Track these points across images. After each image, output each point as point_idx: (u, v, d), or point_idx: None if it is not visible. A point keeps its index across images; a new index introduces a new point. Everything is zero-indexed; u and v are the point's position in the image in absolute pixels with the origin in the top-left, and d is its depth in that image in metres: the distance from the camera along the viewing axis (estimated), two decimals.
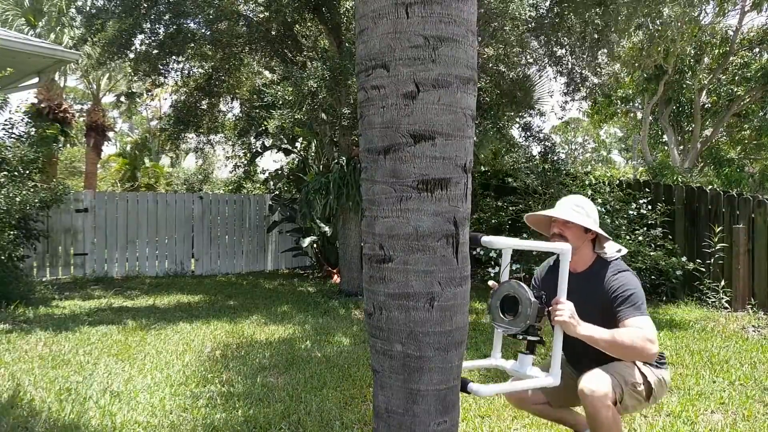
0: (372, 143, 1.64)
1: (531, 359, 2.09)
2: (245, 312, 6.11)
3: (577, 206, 2.35)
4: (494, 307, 2.12)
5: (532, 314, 2.00)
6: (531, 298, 2.00)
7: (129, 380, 3.65)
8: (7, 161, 6.25)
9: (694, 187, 7.19)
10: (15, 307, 5.73)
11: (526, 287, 2.03)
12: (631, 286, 2.22)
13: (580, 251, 2.34)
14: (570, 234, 2.32)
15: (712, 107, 14.80)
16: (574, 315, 2.07)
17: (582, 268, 2.38)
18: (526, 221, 2.54)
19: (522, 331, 2.04)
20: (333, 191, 6.98)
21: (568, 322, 2.05)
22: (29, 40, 8.29)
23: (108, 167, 22.11)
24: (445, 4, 1.56)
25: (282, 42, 7.73)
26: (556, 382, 2.03)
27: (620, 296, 2.21)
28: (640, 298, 2.20)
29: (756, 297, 6.21)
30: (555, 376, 2.04)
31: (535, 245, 2.20)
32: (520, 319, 2.03)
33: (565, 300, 2.07)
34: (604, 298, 2.25)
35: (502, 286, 2.12)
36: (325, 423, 3.00)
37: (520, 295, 2.03)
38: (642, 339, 2.09)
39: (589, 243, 2.37)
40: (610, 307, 2.22)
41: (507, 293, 2.09)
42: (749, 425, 3.06)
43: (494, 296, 2.13)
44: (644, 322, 2.15)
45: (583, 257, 2.37)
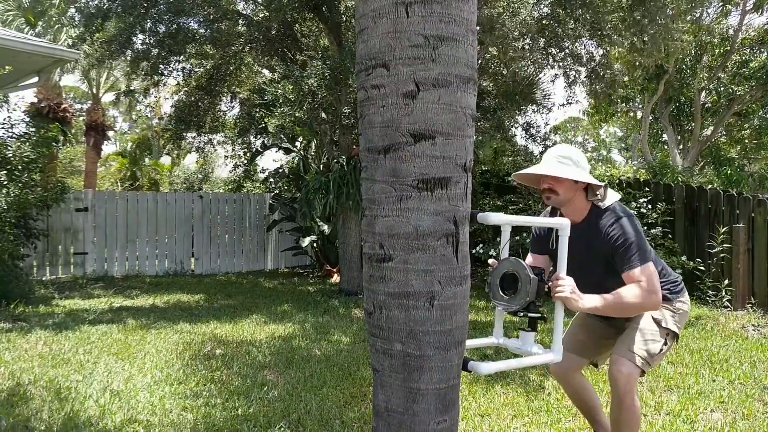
0: (372, 142, 1.64)
1: (533, 336, 2.07)
2: (245, 311, 6.11)
3: (563, 157, 2.30)
4: (494, 284, 2.11)
5: (532, 291, 1.98)
6: (530, 274, 1.98)
7: (129, 379, 3.66)
8: (8, 160, 6.26)
9: (694, 187, 7.19)
10: (15, 306, 5.73)
11: (525, 264, 2.01)
12: (629, 235, 2.19)
13: (574, 202, 2.31)
14: (561, 188, 2.28)
15: (712, 106, 14.80)
16: (575, 290, 2.07)
17: (579, 218, 2.33)
18: (515, 179, 2.50)
19: (522, 308, 2.01)
20: (333, 190, 6.98)
21: (569, 297, 2.04)
22: (29, 39, 8.28)
23: (108, 166, 22.11)
24: (445, 4, 1.56)
25: (282, 41, 7.73)
26: (557, 357, 2.03)
27: (619, 248, 2.19)
28: (639, 246, 2.18)
29: (756, 296, 6.21)
30: (557, 352, 2.03)
31: (531, 221, 2.17)
32: (520, 296, 2.00)
33: (565, 275, 2.06)
34: (604, 248, 2.24)
35: (501, 263, 2.10)
36: (325, 422, 3.00)
37: (520, 272, 2.01)
38: (644, 294, 2.11)
39: (582, 192, 2.32)
40: (611, 257, 2.22)
41: (506, 270, 2.06)
42: (749, 424, 3.06)
43: (493, 274, 2.12)
44: (645, 272, 2.14)
45: (578, 208, 2.33)
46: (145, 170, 19.51)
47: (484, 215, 1.81)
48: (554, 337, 2.04)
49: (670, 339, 2.34)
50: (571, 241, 2.08)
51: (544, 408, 3.24)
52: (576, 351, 2.49)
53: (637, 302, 2.13)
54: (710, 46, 13.53)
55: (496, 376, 3.83)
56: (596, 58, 8.07)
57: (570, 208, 2.32)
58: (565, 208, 2.33)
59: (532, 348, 2.05)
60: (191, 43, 7.75)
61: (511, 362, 2.03)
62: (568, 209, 2.32)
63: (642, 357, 2.24)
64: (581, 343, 2.50)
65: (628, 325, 2.38)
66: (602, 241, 2.25)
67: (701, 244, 6.73)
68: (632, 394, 2.25)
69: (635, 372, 2.23)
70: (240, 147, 10.74)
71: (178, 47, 7.57)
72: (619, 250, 2.19)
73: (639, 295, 2.12)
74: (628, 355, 2.24)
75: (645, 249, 2.19)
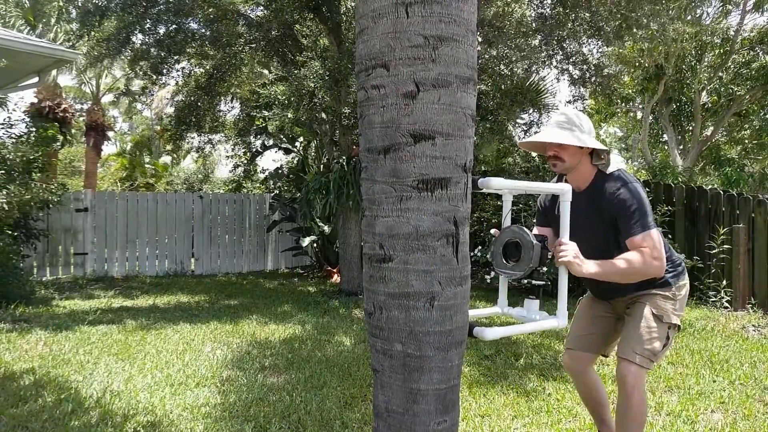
0: (372, 143, 1.64)
1: (537, 304, 2.07)
2: (245, 311, 6.11)
3: (567, 123, 2.28)
4: (497, 253, 2.09)
5: (535, 257, 1.97)
6: (533, 241, 1.97)
7: (129, 380, 3.65)
8: (8, 160, 6.26)
9: (694, 187, 7.19)
10: (15, 307, 5.73)
11: (528, 231, 2.00)
12: (634, 201, 2.18)
13: (579, 168, 2.30)
14: (566, 154, 2.27)
15: (713, 107, 14.80)
16: (578, 255, 2.06)
17: (584, 185, 2.32)
18: (519, 146, 2.51)
19: (526, 275, 2.01)
20: (333, 191, 6.98)
21: (572, 262, 2.04)
22: (29, 39, 8.29)
23: (108, 166, 22.11)
24: (445, 4, 1.56)
25: (282, 42, 7.72)
26: (562, 323, 2.02)
27: (623, 214, 2.18)
28: (643, 213, 2.16)
29: (756, 296, 6.21)
30: (561, 318, 2.02)
31: (533, 186, 2.15)
32: (523, 263, 2.00)
33: (568, 240, 2.05)
34: (609, 215, 2.23)
35: (504, 232, 2.09)
36: (325, 422, 3.00)
37: (523, 239, 2.00)
38: (647, 260, 2.10)
39: (587, 157, 2.31)
40: (615, 223, 2.21)
41: (509, 239, 2.06)
42: (749, 424, 3.06)
43: (496, 243, 2.11)
44: (649, 238, 2.13)
45: (584, 173, 2.31)
46: (142, 170, 19.51)
47: (485, 180, 1.80)
48: (559, 303, 2.03)
49: (673, 332, 2.32)
50: (576, 209, 2.08)
51: (544, 409, 3.24)
52: (584, 347, 2.50)
53: (641, 268, 2.11)
54: (710, 46, 13.52)
55: (496, 376, 3.83)
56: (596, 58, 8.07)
57: (576, 173, 2.31)
58: (570, 175, 2.33)
59: (537, 316, 2.04)
60: (191, 44, 7.74)
61: (516, 328, 2.02)
62: (573, 175, 2.31)
63: (646, 357, 2.24)
64: (587, 338, 2.50)
65: (628, 313, 2.36)
66: (607, 206, 2.23)
67: (701, 245, 6.73)
68: (640, 391, 2.25)
69: (642, 371, 2.24)
70: (240, 147, 10.74)
71: (177, 47, 7.56)
72: (624, 216, 2.17)
73: (642, 261, 2.10)
74: (633, 357, 2.24)
75: (650, 215, 2.17)
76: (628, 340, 2.29)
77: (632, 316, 2.34)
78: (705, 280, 6.50)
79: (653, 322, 2.27)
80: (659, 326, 2.27)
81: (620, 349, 2.32)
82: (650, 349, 2.25)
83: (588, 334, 2.51)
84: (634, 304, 2.34)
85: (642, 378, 2.27)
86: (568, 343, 2.57)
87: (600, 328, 2.49)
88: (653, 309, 2.28)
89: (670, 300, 2.32)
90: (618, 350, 2.34)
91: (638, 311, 2.31)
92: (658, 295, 2.31)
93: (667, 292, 2.31)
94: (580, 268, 2.06)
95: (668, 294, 2.31)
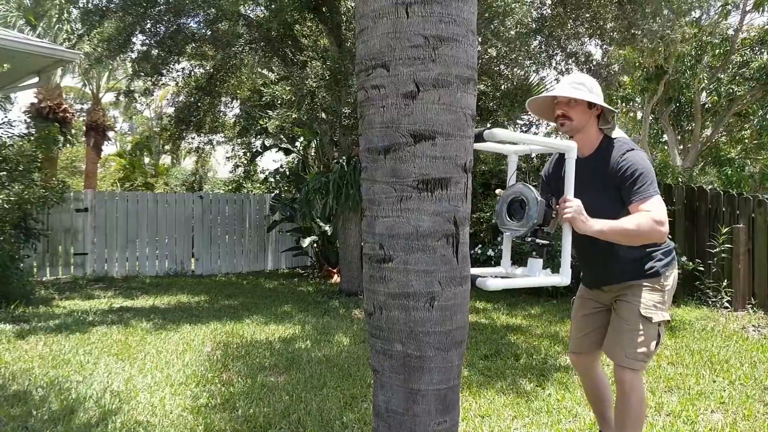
0: (372, 143, 1.64)
1: (540, 263, 2.05)
2: (245, 312, 6.11)
3: (577, 83, 2.29)
4: (501, 211, 2.08)
5: (539, 213, 1.95)
6: (537, 197, 1.96)
7: (129, 380, 3.65)
8: (8, 160, 6.26)
9: (695, 187, 7.19)
10: (15, 307, 5.74)
11: (532, 188, 1.99)
12: (639, 166, 2.17)
13: (586, 130, 2.29)
14: (574, 113, 2.27)
15: (713, 107, 14.80)
16: (583, 212, 2.05)
17: (589, 150, 2.31)
18: (527, 108, 2.50)
19: (530, 232, 1.99)
20: (333, 191, 6.98)
21: (576, 218, 2.03)
22: (29, 39, 8.28)
23: (108, 167, 22.12)
24: (445, 4, 1.56)
25: (282, 42, 7.72)
26: (565, 281, 2.01)
27: (628, 178, 2.16)
28: (648, 178, 2.15)
29: (756, 297, 6.21)
30: (565, 276, 2.01)
31: (537, 140, 2.13)
32: (527, 219, 1.98)
33: (572, 197, 2.04)
34: (613, 179, 2.21)
35: (508, 189, 2.07)
36: (325, 423, 3.00)
37: (527, 195, 1.99)
38: (651, 224, 2.08)
39: (595, 120, 2.30)
40: (620, 189, 2.20)
41: (513, 196, 2.05)
42: (749, 425, 3.06)
43: (501, 201, 2.09)
44: (653, 204, 2.12)
45: (590, 137, 2.30)
46: (142, 170, 19.51)
47: (490, 132, 1.80)
48: (562, 261, 2.02)
49: (663, 328, 2.29)
50: (580, 174, 2.08)
51: (544, 409, 3.24)
52: (584, 348, 2.50)
53: (644, 230, 2.09)
54: (710, 46, 13.52)
55: (496, 377, 3.83)
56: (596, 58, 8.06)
57: (582, 136, 2.30)
58: (577, 137, 2.32)
59: (540, 274, 2.03)
60: (191, 44, 7.75)
61: (518, 281, 2.02)
62: (580, 138, 2.30)
63: (640, 359, 2.24)
64: (584, 339, 2.50)
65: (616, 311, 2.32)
66: (613, 171, 2.21)
67: (701, 245, 6.73)
68: (638, 391, 2.25)
69: (637, 372, 2.25)
70: (240, 147, 10.74)
71: (177, 48, 7.57)
72: (629, 181, 2.16)
73: (646, 224, 2.08)
74: (627, 362, 2.24)
75: (655, 182, 2.17)
76: (619, 345, 2.27)
77: (620, 317, 2.30)
78: (705, 280, 6.50)
79: (642, 324, 2.25)
80: (649, 327, 2.25)
81: (612, 353, 2.30)
82: (643, 351, 2.24)
83: (584, 335, 2.51)
84: (621, 301, 2.31)
85: (639, 378, 2.27)
86: (570, 347, 2.59)
87: (593, 325, 2.48)
88: (641, 310, 2.25)
89: (658, 292, 2.28)
90: (609, 355, 2.32)
91: (626, 313, 2.28)
92: (646, 288, 2.26)
93: (655, 284, 2.27)
94: (585, 225, 2.05)
95: (656, 286, 2.28)
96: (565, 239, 2.03)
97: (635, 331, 2.24)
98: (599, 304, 2.47)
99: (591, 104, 2.27)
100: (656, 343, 2.27)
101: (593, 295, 2.49)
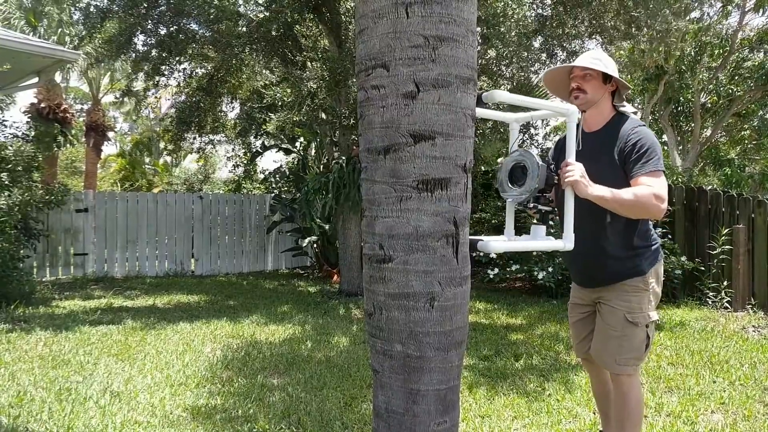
0: (372, 143, 1.64)
1: (544, 230, 2.05)
2: (245, 312, 6.11)
3: (594, 58, 2.29)
4: (503, 179, 2.07)
5: (541, 177, 1.95)
6: (538, 161, 1.96)
7: (129, 380, 3.65)
8: (7, 160, 6.26)
9: (694, 187, 7.19)
10: (15, 307, 5.73)
11: (534, 153, 1.99)
12: (647, 141, 2.16)
13: (599, 105, 2.28)
14: (589, 87, 2.27)
15: (712, 107, 14.80)
16: (585, 175, 2.04)
17: (600, 125, 2.30)
18: (543, 83, 2.48)
19: (532, 197, 1.98)
20: (333, 191, 6.98)
21: (579, 181, 2.02)
22: (29, 39, 8.28)
23: (108, 167, 22.12)
24: (445, 4, 1.56)
25: (282, 42, 7.73)
26: (568, 245, 2.01)
27: (635, 152, 2.15)
28: (654, 153, 2.14)
29: (756, 297, 6.21)
30: (568, 240, 2.01)
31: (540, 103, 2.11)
32: (529, 183, 1.98)
33: (574, 161, 2.04)
34: (621, 152, 2.20)
35: (509, 156, 2.06)
36: (325, 423, 3.00)
37: (528, 160, 1.98)
38: (650, 197, 2.07)
39: (609, 96, 2.30)
40: (625, 162, 2.19)
41: (515, 162, 2.04)
42: (749, 425, 3.05)
43: (502, 168, 2.09)
44: (655, 179, 2.11)
45: (603, 112, 2.29)
46: (142, 171, 19.51)
47: (490, 93, 1.79)
48: (565, 226, 2.02)
49: (652, 328, 2.27)
50: (588, 147, 2.08)
51: (544, 409, 3.24)
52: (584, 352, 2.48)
53: (644, 204, 2.07)
54: (710, 46, 13.53)
55: (496, 377, 3.83)
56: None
57: (595, 111, 2.29)
58: (589, 111, 2.31)
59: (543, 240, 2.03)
60: (192, 44, 7.75)
61: (521, 243, 2.03)
62: (592, 112, 2.30)
63: (632, 364, 2.23)
64: (583, 343, 2.49)
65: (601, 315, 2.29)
66: (621, 143, 2.20)
67: (701, 245, 6.73)
68: (636, 392, 2.25)
69: (632, 375, 2.24)
70: (240, 147, 10.73)
71: (178, 48, 7.57)
72: (636, 153, 2.15)
73: (646, 196, 2.07)
74: (618, 368, 2.23)
75: (661, 159, 2.15)
76: (607, 352, 2.25)
77: (606, 323, 2.27)
78: (705, 280, 6.50)
79: (629, 330, 2.22)
80: (636, 331, 2.22)
81: (602, 361, 2.28)
82: (633, 355, 2.22)
83: (579, 341, 2.50)
84: (605, 305, 2.27)
85: (635, 380, 2.26)
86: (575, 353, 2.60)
87: (585, 329, 2.46)
88: (627, 315, 2.22)
89: (643, 293, 2.24)
90: (599, 362, 2.31)
91: (611, 318, 2.25)
92: (631, 289, 2.23)
93: (640, 282, 2.24)
94: (586, 189, 2.04)
95: (641, 285, 2.24)
96: (567, 205, 2.03)
97: (623, 337, 2.22)
98: (586, 307, 2.45)
99: (606, 80, 2.28)
100: (646, 345, 2.25)
101: (581, 297, 2.47)
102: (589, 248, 2.25)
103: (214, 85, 8.62)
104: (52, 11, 14.01)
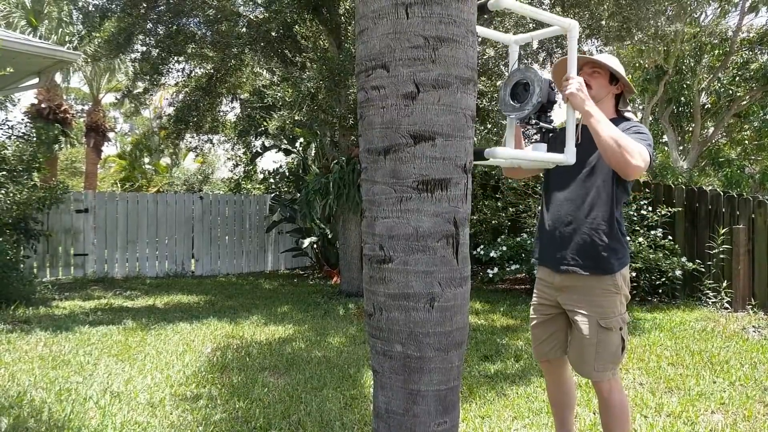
0: (372, 144, 1.64)
1: (545, 147, 2.05)
2: (245, 312, 6.11)
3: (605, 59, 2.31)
4: (504, 96, 2.07)
5: (543, 91, 1.95)
6: (541, 76, 1.97)
7: (129, 380, 3.65)
8: (7, 160, 6.26)
9: (695, 188, 7.19)
10: (15, 308, 5.73)
11: (535, 69, 2.00)
12: (643, 133, 2.18)
13: (602, 104, 2.26)
14: (595, 83, 2.28)
15: (712, 108, 14.81)
16: (583, 89, 2.07)
17: None
18: (551, 73, 2.48)
19: (534, 112, 1.98)
20: (333, 191, 6.98)
21: (575, 93, 2.04)
22: (29, 40, 8.28)
23: (108, 167, 22.12)
24: (445, 5, 1.56)
25: (282, 42, 7.73)
26: (570, 159, 2.03)
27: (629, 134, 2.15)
28: (645, 141, 2.14)
29: (756, 297, 6.21)
30: (570, 154, 2.02)
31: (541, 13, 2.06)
32: (531, 98, 1.98)
33: (575, 75, 2.06)
34: None
35: (511, 75, 2.06)
36: (325, 423, 3.00)
37: (531, 76, 1.98)
38: (635, 148, 2.05)
39: (612, 98, 2.32)
40: None
41: (517, 80, 2.05)
42: (749, 425, 3.05)
43: (504, 87, 2.09)
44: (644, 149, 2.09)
45: (605, 112, 2.25)
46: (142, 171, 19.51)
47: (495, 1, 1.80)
48: (567, 141, 2.04)
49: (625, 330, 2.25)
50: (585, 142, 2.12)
51: (544, 410, 3.23)
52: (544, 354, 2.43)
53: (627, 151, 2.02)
54: (710, 46, 13.53)
55: (496, 377, 3.83)
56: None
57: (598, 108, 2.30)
58: None
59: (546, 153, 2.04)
60: (191, 45, 7.75)
61: (526, 153, 2.05)
62: None
63: (610, 368, 2.21)
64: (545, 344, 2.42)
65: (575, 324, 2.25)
66: None
67: (701, 246, 6.73)
68: (619, 394, 2.24)
69: (612, 378, 2.23)
70: (240, 147, 10.73)
71: (177, 48, 7.57)
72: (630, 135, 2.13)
73: (632, 144, 2.04)
74: (597, 375, 2.22)
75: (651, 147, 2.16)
76: (584, 361, 2.23)
77: (580, 331, 2.23)
78: (705, 281, 6.50)
79: (603, 335, 2.20)
80: (610, 336, 2.20)
81: (580, 370, 2.26)
82: (611, 360, 2.21)
83: (541, 342, 2.43)
84: (577, 313, 2.24)
85: (616, 382, 2.24)
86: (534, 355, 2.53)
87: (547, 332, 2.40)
88: (600, 321, 2.19)
89: (614, 295, 2.22)
90: (578, 371, 2.28)
91: (584, 327, 2.22)
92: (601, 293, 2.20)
93: (611, 285, 2.21)
94: (583, 103, 2.06)
95: (612, 288, 2.21)
96: (569, 119, 2.06)
97: (598, 344, 2.20)
98: (550, 308, 2.39)
99: (612, 81, 2.30)
100: (622, 348, 2.23)
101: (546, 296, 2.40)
102: (564, 223, 2.27)
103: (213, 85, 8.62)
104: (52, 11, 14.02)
